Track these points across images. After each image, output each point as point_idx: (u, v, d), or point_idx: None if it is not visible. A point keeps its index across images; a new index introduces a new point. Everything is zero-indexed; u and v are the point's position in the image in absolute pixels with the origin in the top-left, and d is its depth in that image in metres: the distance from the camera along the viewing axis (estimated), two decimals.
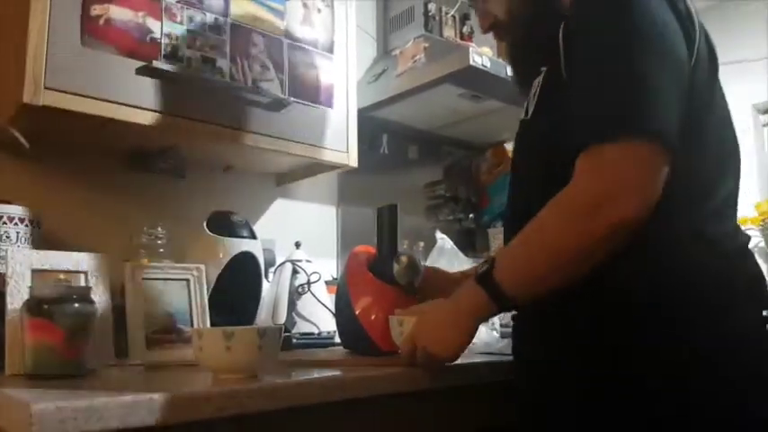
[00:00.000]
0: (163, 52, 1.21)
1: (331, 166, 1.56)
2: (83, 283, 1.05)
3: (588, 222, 0.73)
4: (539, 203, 0.79)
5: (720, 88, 0.88)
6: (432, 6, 1.93)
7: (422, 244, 1.88)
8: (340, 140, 1.53)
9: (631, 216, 0.72)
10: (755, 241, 2.70)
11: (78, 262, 1.07)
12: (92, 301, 0.93)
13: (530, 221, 0.80)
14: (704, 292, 0.78)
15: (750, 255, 0.88)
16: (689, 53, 0.80)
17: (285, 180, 1.73)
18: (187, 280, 1.24)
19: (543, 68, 0.91)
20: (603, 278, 0.77)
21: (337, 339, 1.33)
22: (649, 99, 0.74)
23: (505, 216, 1.04)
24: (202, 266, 1.23)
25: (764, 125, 2.91)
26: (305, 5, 1.49)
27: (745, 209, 2.64)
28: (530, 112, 0.92)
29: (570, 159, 0.77)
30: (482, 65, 1.62)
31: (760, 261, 2.99)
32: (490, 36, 1.07)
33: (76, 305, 0.89)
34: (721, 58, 0.90)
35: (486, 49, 1.72)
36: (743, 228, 2.90)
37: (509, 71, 1.69)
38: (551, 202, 0.78)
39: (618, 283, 0.78)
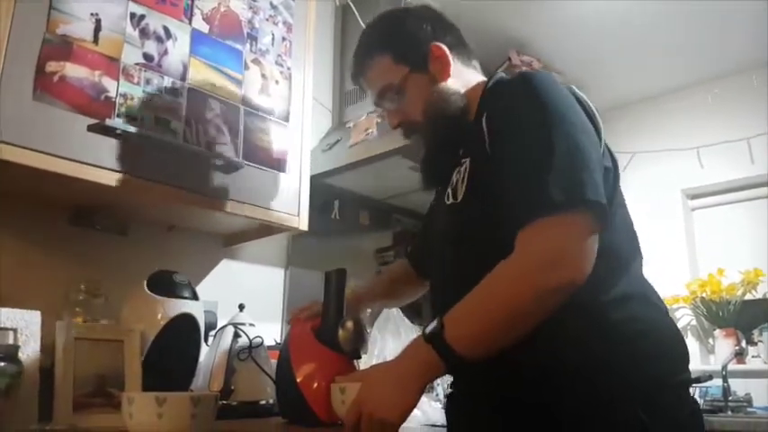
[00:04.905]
0: (116, 111, 1.22)
1: (281, 229, 1.57)
2: (11, 342, 1.01)
3: (542, 277, 0.78)
4: (480, 277, 0.82)
5: (620, 191, 0.96)
6: None
7: (369, 310, 1.89)
8: (291, 204, 1.55)
9: (578, 276, 0.78)
10: (687, 320, 2.81)
11: (7, 318, 1.03)
12: (18, 362, 0.90)
13: (478, 285, 0.82)
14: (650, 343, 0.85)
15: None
16: (598, 141, 0.89)
17: (233, 241, 1.72)
18: (122, 341, 1.20)
19: (465, 159, 0.96)
20: (543, 347, 0.81)
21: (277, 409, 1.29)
22: (584, 172, 0.80)
23: (434, 296, 1.05)
24: (139, 327, 1.19)
25: (693, 209, 3.10)
26: (263, 76, 1.54)
27: (677, 289, 2.76)
28: (459, 197, 0.95)
29: (509, 234, 0.81)
30: None
31: (692, 339, 3.09)
32: None
33: (2, 365, 0.85)
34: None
35: None
36: (674, 307, 3.00)
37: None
38: (501, 266, 0.81)
39: (566, 347, 0.82)
